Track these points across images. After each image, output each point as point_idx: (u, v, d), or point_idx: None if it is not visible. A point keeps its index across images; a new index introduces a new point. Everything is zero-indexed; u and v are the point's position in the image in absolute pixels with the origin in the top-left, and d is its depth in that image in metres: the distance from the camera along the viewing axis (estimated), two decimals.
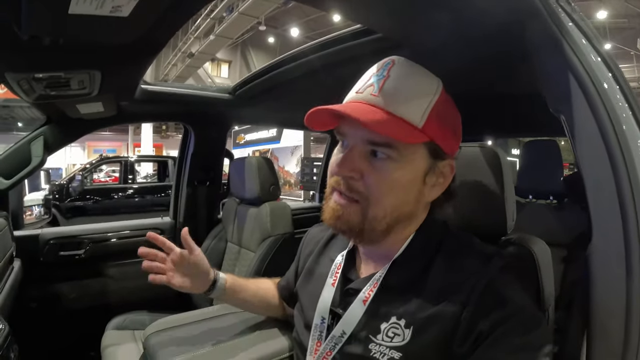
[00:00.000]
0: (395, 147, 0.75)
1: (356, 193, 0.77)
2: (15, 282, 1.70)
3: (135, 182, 8.76)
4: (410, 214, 0.82)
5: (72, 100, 1.65)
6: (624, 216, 0.72)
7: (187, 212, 2.64)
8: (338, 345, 0.82)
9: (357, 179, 0.77)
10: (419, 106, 0.76)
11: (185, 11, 1.05)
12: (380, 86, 0.77)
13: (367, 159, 0.77)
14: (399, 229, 0.82)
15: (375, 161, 0.77)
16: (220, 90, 2.22)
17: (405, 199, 0.78)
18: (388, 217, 0.77)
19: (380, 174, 0.76)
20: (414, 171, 0.78)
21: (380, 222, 0.77)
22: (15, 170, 1.88)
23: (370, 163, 0.77)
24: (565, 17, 0.82)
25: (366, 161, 0.77)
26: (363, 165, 0.77)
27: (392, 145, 0.75)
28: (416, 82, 0.79)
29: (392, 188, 0.76)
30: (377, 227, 0.78)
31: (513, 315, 0.70)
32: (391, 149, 0.75)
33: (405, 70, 0.79)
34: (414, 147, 0.76)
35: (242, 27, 13.51)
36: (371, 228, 0.78)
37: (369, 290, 0.82)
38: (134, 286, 2.41)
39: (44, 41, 1.03)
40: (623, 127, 0.75)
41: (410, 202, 0.80)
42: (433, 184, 0.81)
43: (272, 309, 1.26)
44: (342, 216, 0.78)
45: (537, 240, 0.94)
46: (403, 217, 0.80)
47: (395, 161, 0.76)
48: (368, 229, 0.78)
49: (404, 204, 0.79)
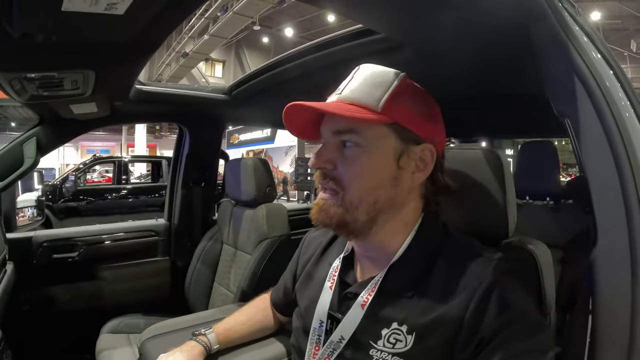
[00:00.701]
0: (358, 131, 0.79)
1: (332, 181, 0.81)
2: (7, 286, 1.68)
3: (129, 182, 8.73)
4: (391, 200, 0.81)
5: (65, 100, 1.62)
6: (630, 219, 0.71)
7: (182, 214, 2.62)
8: (337, 350, 0.82)
9: (331, 169, 0.81)
10: (376, 92, 0.80)
11: (182, 10, 1.04)
12: (343, 88, 0.83)
13: (338, 150, 0.82)
14: (385, 220, 0.82)
15: (345, 151, 0.81)
16: (215, 90, 2.21)
17: (378, 183, 0.80)
18: (364, 203, 0.79)
19: (349, 160, 0.80)
20: (382, 154, 0.80)
21: (358, 209, 0.79)
22: (7, 172, 1.85)
23: (341, 153, 0.81)
24: (571, 20, 0.82)
25: (337, 152, 0.82)
26: (334, 156, 0.81)
27: (355, 130, 0.79)
28: (374, 76, 0.83)
29: (362, 172, 0.79)
30: (359, 217, 0.79)
31: (516, 320, 0.70)
32: (355, 134, 0.79)
33: (366, 70, 0.84)
34: (377, 130, 0.79)
35: (236, 26, 13.55)
36: (353, 218, 0.79)
37: (367, 294, 0.82)
38: (129, 289, 2.39)
39: (36, 39, 1.01)
40: (628, 128, 0.74)
41: (386, 186, 0.80)
42: (413, 170, 0.82)
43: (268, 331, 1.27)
44: (323, 209, 0.82)
45: (538, 243, 0.93)
46: (383, 203, 0.80)
47: (361, 147, 0.79)
48: (351, 220, 0.80)
49: (378, 188, 0.80)
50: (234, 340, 1.18)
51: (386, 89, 0.80)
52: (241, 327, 1.21)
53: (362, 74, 0.83)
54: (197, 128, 2.58)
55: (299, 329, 0.98)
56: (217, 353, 1.14)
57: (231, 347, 1.18)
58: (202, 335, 1.13)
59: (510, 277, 0.75)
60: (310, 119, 0.87)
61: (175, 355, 1.06)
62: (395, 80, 0.81)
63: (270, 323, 1.25)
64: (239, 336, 1.19)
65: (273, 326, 1.26)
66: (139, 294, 2.41)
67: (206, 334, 1.14)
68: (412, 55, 1.21)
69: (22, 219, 4.45)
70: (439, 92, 0.91)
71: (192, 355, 1.07)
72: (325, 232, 1.09)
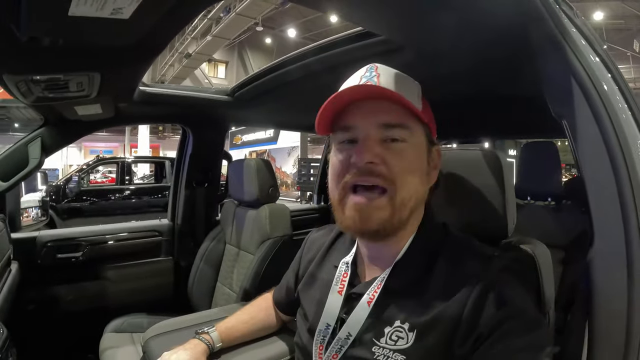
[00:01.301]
0: (407, 127, 0.79)
1: (381, 178, 0.77)
2: (12, 285, 1.69)
3: (132, 183, 8.74)
4: (423, 197, 0.84)
5: (71, 102, 1.64)
6: (625, 219, 0.72)
7: (185, 214, 2.64)
8: (344, 348, 0.82)
9: (379, 164, 0.77)
10: (413, 93, 0.82)
11: (186, 14, 1.05)
12: (377, 80, 0.81)
13: (383, 145, 0.78)
14: (413, 217, 0.83)
15: (391, 146, 0.78)
16: (219, 91, 2.22)
17: (422, 179, 0.81)
18: (412, 199, 0.79)
19: (401, 156, 0.78)
20: (422, 152, 0.82)
21: (407, 206, 0.78)
22: (12, 173, 1.87)
23: (386, 148, 0.78)
24: (567, 22, 0.83)
25: (383, 147, 0.78)
26: (381, 150, 0.78)
27: (405, 126, 0.78)
28: (401, 78, 0.84)
29: (413, 169, 0.79)
30: (403, 215, 0.79)
31: (513, 317, 0.70)
32: (404, 129, 0.79)
33: (390, 70, 0.84)
34: (418, 128, 0.81)
35: (239, 27, 13.54)
36: (399, 218, 0.78)
37: (372, 292, 0.83)
38: (132, 288, 2.40)
39: (43, 43, 1.02)
40: (624, 130, 0.75)
41: (424, 182, 0.82)
42: (433, 168, 0.85)
43: (270, 329, 1.27)
44: (371, 215, 0.78)
45: (538, 243, 0.94)
46: (420, 199, 0.82)
47: (408, 143, 0.79)
48: (397, 220, 0.78)
49: (421, 184, 0.81)
50: (237, 338, 1.19)
51: (417, 91, 0.82)
52: (243, 325, 1.22)
53: (387, 71, 0.83)
54: (201, 129, 2.59)
55: (304, 329, 0.98)
56: (220, 351, 1.15)
57: (234, 346, 1.19)
58: (205, 334, 1.14)
59: (508, 274, 0.76)
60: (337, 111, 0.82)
61: (179, 354, 1.06)
62: (418, 85, 0.84)
63: (273, 322, 1.26)
64: (241, 334, 1.20)
65: (275, 325, 1.26)
66: (142, 293, 2.42)
67: (209, 332, 1.15)
68: (413, 56, 1.22)
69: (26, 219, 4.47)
70: (439, 93, 0.92)
71: (195, 353, 1.07)
72: (327, 232, 1.10)
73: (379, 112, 0.79)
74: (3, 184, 1.85)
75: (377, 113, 0.79)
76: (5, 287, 1.60)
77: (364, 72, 0.85)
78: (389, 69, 0.84)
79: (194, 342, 1.12)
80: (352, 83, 0.84)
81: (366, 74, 0.83)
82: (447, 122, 0.91)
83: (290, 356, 1.17)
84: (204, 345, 1.11)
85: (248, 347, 1.19)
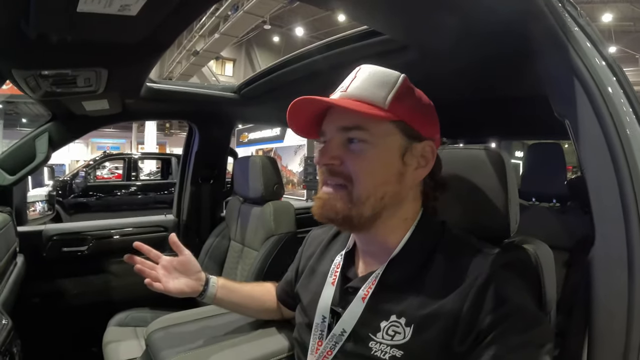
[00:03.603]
0: (365, 128, 0.81)
1: (340, 177, 0.82)
2: (18, 278, 1.71)
3: (139, 179, 8.78)
4: (396, 195, 0.83)
5: (78, 97, 1.65)
6: (627, 220, 0.72)
7: (191, 210, 2.65)
8: (339, 344, 0.83)
9: (338, 165, 0.82)
10: (382, 91, 0.82)
11: (193, 11, 1.06)
12: (347, 86, 0.84)
13: (344, 147, 0.83)
14: (388, 215, 0.83)
15: (351, 146, 0.82)
16: (225, 89, 2.23)
17: (385, 178, 0.82)
18: (372, 197, 0.80)
19: (358, 156, 0.81)
20: (388, 150, 0.82)
21: (365, 204, 0.80)
22: (19, 166, 1.89)
23: (347, 149, 0.82)
24: (571, 21, 0.83)
25: (343, 148, 0.83)
26: (341, 152, 0.83)
27: (363, 127, 0.81)
28: (377, 76, 0.84)
29: (371, 167, 0.81)
30: (364, 212, 0.81)
31: (513, 313, 0.70)
32: (362, 130, 0.81)
33: (368, 70, 0.85)
34: (384, 127, 0.81)
35: (247, 25, 13.54)
36: (358, 213, 0.81)
37: (367, 287, 0.83)
38: (136, 283, 2.38)
39: (51, 39, 1.03)
40: (627, 132, 0.75)
41: (392, 181, 0.82)
42: (415, 166, 0.84)
43: (268, 311, 1.28)
44: (327, 203, 0.83)
45: (541, 244, 0.93)
46: (389, 198, 0.82)
47: (368, 143, 0.81)
48: (356, 215, 0.81)
49: (386, 183, 0.82)
50: (233, 292, 1.21)
51: (391, 88, 0.82)
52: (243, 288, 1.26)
53: (364, 74, 0.85)
54: (207, 126, 2.61)
55: (302, 324, 0.99)
56: (222, 343, 1.17)
57: (234, 339, 1.21)
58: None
59: (507, 271, 0.76)
60: (312, 116, 0.88)
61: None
62: (399, 80, 0.83)
63: (272, 305, 1.27)
64: (237, 295, 1.23)
65: (274, 310, 1.27)
66: (146, 288, 2.42)
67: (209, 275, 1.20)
68: (416, 55, 1.22)
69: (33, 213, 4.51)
70: (443, 91, 0.92)
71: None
72: (328, 229, 1.11)
73: (339, 117, 0.83)
74: (10, 178, 1.87)
75: (338, 117, 0.84)
76: (10, 280, 1.61)
77: (350, 74, 0.88)
78: (372, 69, 0.86)
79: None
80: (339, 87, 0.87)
81: (350, 76, 0.87)
82: (452, 122, 0.92)
83: (290, 352, 1.18)
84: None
85: (248, 342, 1.20)
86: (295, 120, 0.89)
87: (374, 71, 0.85)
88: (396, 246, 0.84)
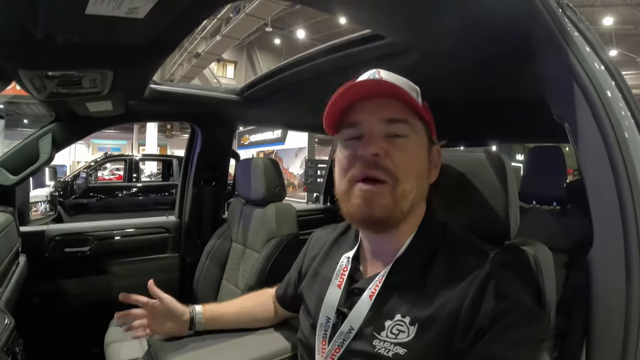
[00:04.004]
0: (410, 123, 0.82)
1: (384, 171, 0.79)
2: (20, 278, 1.71)
3: (140, 180, 8.79)
4: (424, 191, 0.86)
5: (82, 98, 1.66)
6: (625, 222, 0.73)
7: (193, 211, 2.66)
8: (346, 341, 0.84)
9: (384, 157, 0.79)
10: (413, 91, 0.84)
11: (199, 14, 1.07)
12: (379, 77, 0.85)
13: (387, 140, 0.81)
14: (414, 211, 0.85)
15: (394, 141, 0.81)
16: (228, 91, 2.24)
17: (423, 174, 0.84)
18: (413, 192, 0.81)
19: (403, 151, 0.81)
20: (423, 148, 0.84)
21: (407, 199, 0.80)
22: (22, 167, 1.90)
23: (390, 143, 0.81)
24: (571, 27, 0.84)
25: (387, 141, 0.80)
26: (385, 144, 0.80)
27: (408, 122, 0.82)
28: (404, 79, 0.86)
29: (414, 164, 0.82)
30: (404, 207, 0.81)
31: (512, 310, 0.71)
32: (407, 125, 0.82)
33: (391, 73, 0.87)
34: (419, 125, 0.84)
35: (248, 28, 13.54)
36: (400, 209, 0.80)
37: (374, 287, 0.84)
38: (138, 284, 2.40)
39: (58, 40, 1.05)
40: (625, 135, 0.76)
41: (424, 178, 0.85)
42: (432, 167, 0.87)
43: (261, 322, 1.30)
44: (375, 200, 0.79)
45: (540, 245, 0.94)
46: (421, 193, 0.85)
47: (411, 139, 0.82)
48: (398, 211, 0.80)
49: (422, 179, 0.84)
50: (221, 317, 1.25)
51: (417, 90, 0.85)
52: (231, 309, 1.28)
53: (387, 74, 0.86)
54: (209, 128, 2.62)
55: (307, 325, 0.99)
56: (223, 344, 1.17)
57: (235, 340, 1.21)
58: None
59: (507, 269, 0.77)
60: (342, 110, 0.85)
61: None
62: (417, 87, 0.87)
63: (267, 315, 1.28)
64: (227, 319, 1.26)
65: (270, 318, 1.29)
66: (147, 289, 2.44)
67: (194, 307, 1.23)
68: (418, 58, 1.23)
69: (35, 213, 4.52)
70: (444, 94, 0.93)
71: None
72: (331, 231, 1.12)
73: (383, 108, 0.81)
74: (13, 178, 1.88)
75: (381, 109, 0.82)
76: (13, 279, 1.62)
77: (367, 75, 0.87)
78: (391, 73, 0.87)
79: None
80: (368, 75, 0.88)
81: (370, 75, 0.87)
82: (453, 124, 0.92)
83: (292, 353, 1.18)
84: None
85: (250, 343, 1.20)
86: (334, 111, 0.84)
87: (395, 75, 0.87)
88: (400, 247, 0.86)
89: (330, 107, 0.83)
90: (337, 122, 0.87)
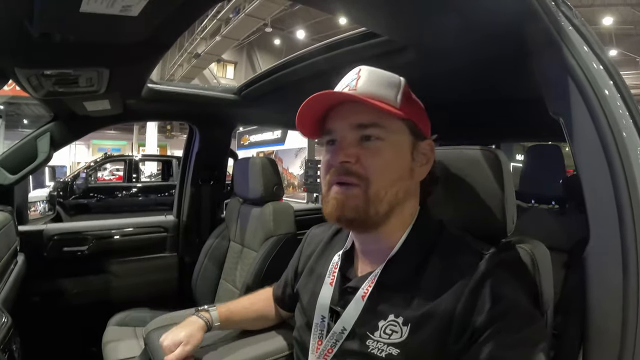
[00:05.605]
0: (381, 125, 0.81)
1: (355, 176, 0.80)
2: (18, 276, 1.72)
3: (139, 181, 8.79)
4: (408, 190, 0.85)
5: (80, 97, 1.66)
6: (621, 219, 0.73)
7: (191, 211, 2.66)
8: (339, 342, 0.84)
9: (354, 163, 0.81)
10: (392, 91, 0.83)
11: (193, 12, 1.07)
12: (355, 84, 0.84)
13: (358, 145, 0.82)
14: (397, 211, 0.84)
15: (366, 144, 0.82)
16: (225, 90, 2.24)
17: (400, 174, 0.83)
18: (389, 193, 0.81)
19: (374, 154, 0.81)
20: (401, 148, 0.84)
21: (382, 200, 0.80)
22: (21, 166, 1.90)
23: (362, 147, 0.82)
24: (565, 22, 0.84)
25: (358, 146, 0.82)
26: (356, 150, 0.82)
27: (379, 124, 0.81)
28: (383, 77, 0.86)
29: (387, 164, 0.81)
30: (380, 209, 0.81)
31: (508, 312, 0.71)
32: (379, 128, 0.81)
33: (371, 71, 0.86)
34: (397, 125, 0.83)
35: (248, 28, 13.56)
36: (375, 210, 0.80)
37: (367, 287, 0.84)
38: (136, 283, 2.43)
39: (54, 38, 1.04)
40: (623, 134, 0.76)
41: (405, 177, 0.84)
42: (420, 163, 0.86)
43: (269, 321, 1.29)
44: (346, 202, 0.81)
45: (538, 244, 0.93)
46: (402, 193, 0.84)
47: (384, 140, 0.81)
48: (373, 212, 0.80)
49: (400, 179, 0.83)
50: (235, 322, 1.22)
51: (397, 89, 0.84)
52: (244, 310, 1.25)
53: (367, 74, 0.85)
54: (207, 127, 2.62)
55: (302, 324, 0.99)
56: (220, 346, 1.17)
57: (232, 339, 1.21)
58: (204, 312, 1.17)
59: (502, 269, 0.76)
60: (319, 114, 0.88)
61: (175, 332, 1.09)
62: (401, 82, 0.86)
63: (271, 314, 1.28)
64: (240, 319, 1.23)
65: (274, 318, 1.28)
66: (146, 288, 2.45)
67: (209, 310, 1.18)
68: (415, 56, 1.23)
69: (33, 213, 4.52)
70: (441, 92, 0.93)
71: (192, 330, 1.10)
72: (327, 229, 1.11)
73: (353, 114, 0.83)
74: (11, 177, 1.88)
75: (351, 115, 0.83)
76: (11, 278, 1.62)
77: (347, 77, 0.88)
78: (374, 70, 0.86)
79: (191, 319, 1.14)
80: (339, 87, 0.88)
81: (349, 77, 0.87)
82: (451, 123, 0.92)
83: (289, 352, 1.18)
84: (202, 322, 1.14)
85: (247, 343, 1.20)
86: (304, 119, 0.88)
87: (377, 72, 0.86)
88: (393, 246, 0.85)
89: (299, 115, 0.86)
90: (316, 130, 0.90)
